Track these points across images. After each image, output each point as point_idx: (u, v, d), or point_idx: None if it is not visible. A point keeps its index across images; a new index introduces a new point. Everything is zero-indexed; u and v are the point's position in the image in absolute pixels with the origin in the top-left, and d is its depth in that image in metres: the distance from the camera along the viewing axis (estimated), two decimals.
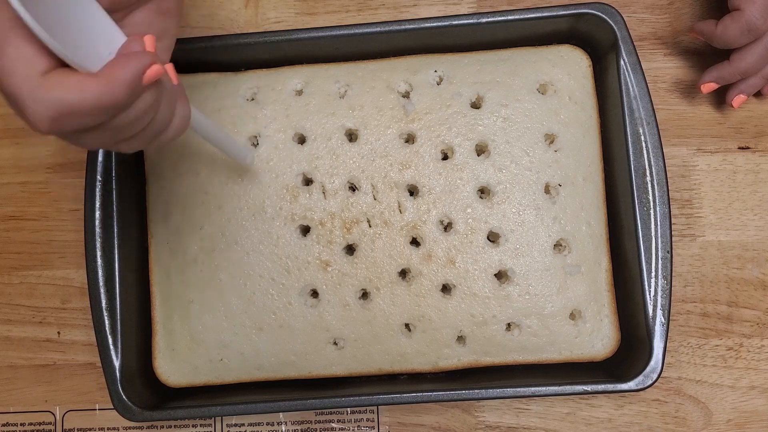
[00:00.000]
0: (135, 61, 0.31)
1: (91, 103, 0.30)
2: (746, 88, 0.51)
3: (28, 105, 0.29)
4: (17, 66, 0.29)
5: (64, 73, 0.30)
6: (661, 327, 0.47)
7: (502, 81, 0.50)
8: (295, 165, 0.50)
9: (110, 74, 0.30)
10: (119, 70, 0.30)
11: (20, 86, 0.29)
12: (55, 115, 0.29)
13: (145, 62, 0.31)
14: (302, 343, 0.49)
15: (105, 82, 0.30)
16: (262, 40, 0.51)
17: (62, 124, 0.30)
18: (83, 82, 0.30)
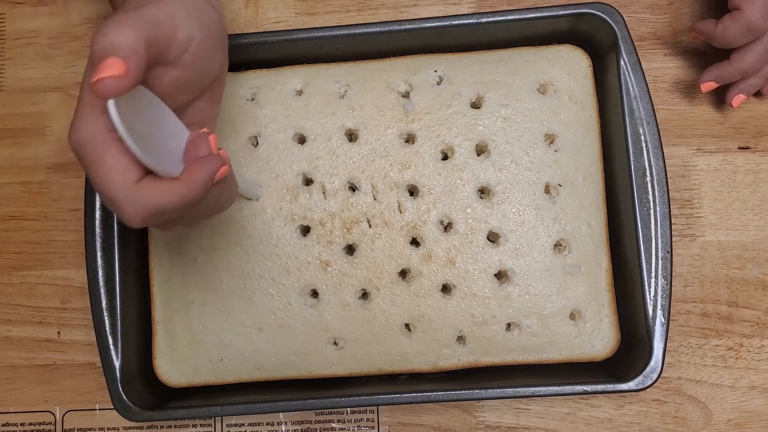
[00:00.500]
0: (208, 166, 0.36)
1: (176, 203, 0.35)
2: (746, 88, 0.51)
3: (125, 208, 0.34)
4: (115, 175, 0.34)
5: (153, 181, 0.35)
6: (661, 327, 0.47)
7: (502, 81, 0.50)
8: (295, 165, 0.50)
9: (190, 179, 0.36)
10: (197, 175, 0.36)
11: (118, 193, 0.34)
12: (147, 215, 0.35)
13: (216, 165, 0.37)
14: (302, 343, 0.49)
15: (186, 185, 0.35)
16: (262, 40, 0.51)
17: (152, 220, 0.35)
18: (170, 187, 0.35)
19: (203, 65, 0.40)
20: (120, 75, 0.32)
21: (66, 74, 0.57)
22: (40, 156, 0.57)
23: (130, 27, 0.34)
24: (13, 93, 0.58)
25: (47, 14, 0.58)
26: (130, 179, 0.34)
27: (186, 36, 0.38)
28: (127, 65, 0.33)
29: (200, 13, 0.39)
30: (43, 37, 0.58)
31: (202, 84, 0.41)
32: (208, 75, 0.41)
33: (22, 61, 0.58)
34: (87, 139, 0.34)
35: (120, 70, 0.32)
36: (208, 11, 0.41)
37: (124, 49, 0.33)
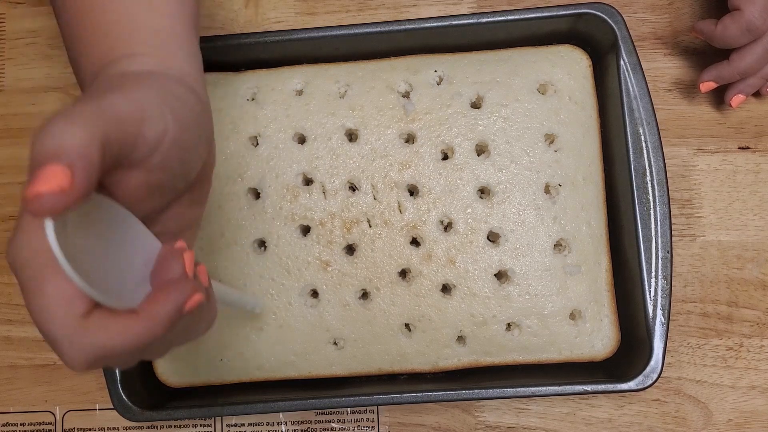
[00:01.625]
0: (176, 295, 0.30)
1: (131, 344, 0.29)
2: (745, 88, 0.51)
3: (65, 349, 0.28)
4: (55, 308, 0.27)
5: (104, 316, 0.28)
6: (661, 327, 0.47)
7: (502, 81, 0.50)
8: (295, 165, 0.50)
9: (151, 312, 0.29)
10: (160, 307, 0.29)
11: (58, 330, 0.28)
12: (94, 359, 0.28)
13: (185, 293, 0.30)
14: (302, 343, 0.49)
15: (146, 322, 0.29)
16: (262, 40, 0.51)
17: (98, 365, 0.29)
18: (125, 324, 0.28)
19: (178, 167, 0.32)
20: (63, 189, 0.25)
21: (66, 74, 0.57)
22: None
23: (81, 124, 0.26)
24: (13, 93, 0.58)
25: (47, 14, 0.58)
26: (73, 313, 0.27)
27: (157, 133, 0.30)
28: (72, 176, 0.25)
29: (178, 103, 0.33)
30: (43, 37, 0.58)
31: (178, 187, 0.34)
32: (185, 176, 0.34)
33: (22, 61, 0.58)
34: (24, 261, 0.28)
35: (63, 182, 0.25)
36: (188, 100, 0.34)
37: (70, 154, 0.25)
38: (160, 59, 0.35)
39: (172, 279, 0.31)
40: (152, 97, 0.31)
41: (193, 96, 0.35)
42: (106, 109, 0.28)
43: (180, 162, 0.33)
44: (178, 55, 0.37)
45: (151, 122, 0.30)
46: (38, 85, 0.58)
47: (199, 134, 0.35)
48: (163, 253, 0.32)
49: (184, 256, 0.32)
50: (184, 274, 0.31)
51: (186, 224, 0.36)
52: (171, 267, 0.31)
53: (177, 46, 0.37)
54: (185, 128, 0.32)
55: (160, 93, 0.32)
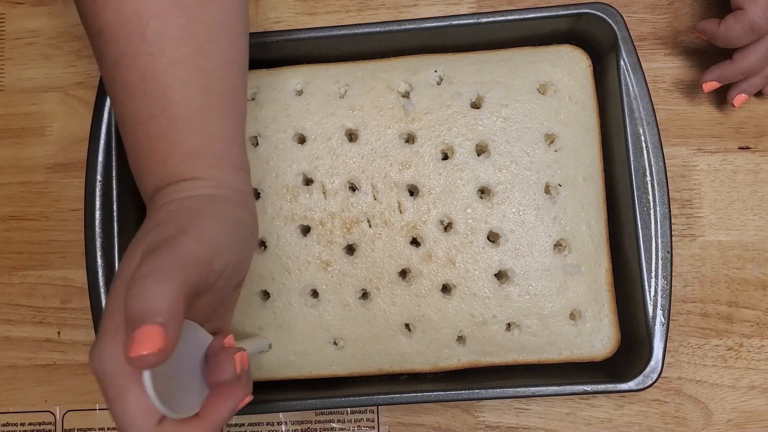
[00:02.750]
0: (232, 400, 0.35)
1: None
2: (748, 88, 0.51)
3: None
4: (137, 416, 0.32)
5: (174, 423, 0.33)
6: (661, 327, 0.47)
7: (502, 81, 0.50)
8: (295, 165, 0.50)
9: (212, 417, 0.34)
10: (219, 412, 0.35)
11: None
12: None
13: (240, 398, 0.36)
14: (302, 343, 0.49)
15: (208, 425, 0.34)
16: (262, 40, 0.51)
17: None
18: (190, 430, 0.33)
19: (235, 281, 0.38)
20: (160, 349, 0.29)
21: (66, 74, 0.57)
22: (40, 156, 0.57)
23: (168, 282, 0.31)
24: (13, 93, 0.58)
25: (47, 14, 0.58)
26: (150, 422, 0.32)
27: (223, 265, 0.35)
28: (165, 335, 0.29)
29: (240, 230, 0.37)
30: (43, 37, 0.58)
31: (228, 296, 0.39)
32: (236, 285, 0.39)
33: (22, 61, 0.58)
34: (110, 370, 0.32)
35: (159, 344, 0.29)
36: (245, 221, 0.39)
37: (163, 314, 0.30)
38: (217, 181, 0.39)
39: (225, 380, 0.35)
40: (222, 232, 0.35)
41: (247, 213, 0.40)
42: (184, 257, 0.32)
43: (237, 278, 0.38)
44: (233, 175, 0.40)
45: (221, 258, 0.35)
46: (38, 85, 0.58)
47: (251, 248, 0.39)
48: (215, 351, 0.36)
49: (235, 358, 0.36)
50: (235, 375, 0.36)
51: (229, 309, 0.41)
52: (225, 369, 0.36)
53: (232, 167, 0.40)
54: (243, 250, 0.37)
55: (224, 223, 0.36)
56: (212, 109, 0.39)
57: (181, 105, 0.38)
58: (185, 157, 0.38)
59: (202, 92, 0.38)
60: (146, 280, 0.31)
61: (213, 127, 0.39)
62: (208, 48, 0.39)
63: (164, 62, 0.37)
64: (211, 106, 0.39)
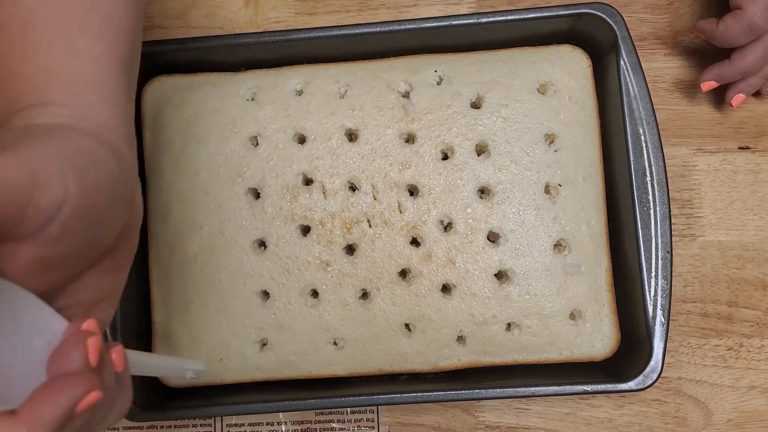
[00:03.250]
0: (66, 393, 0.25)
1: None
2: (746, 88, 0.51)
3: None
4: None
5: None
6: (661, 327, 0.47)
7: (502, 81, 0.50)
8: (295, 165, 0.50)
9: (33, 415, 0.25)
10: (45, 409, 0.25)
11: None
12: None
13: (79, 392, 0.26)
14: (302, 343, 0.49)
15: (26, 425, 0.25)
16: (262, 40, 0.51)
17: None
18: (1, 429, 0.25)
19: (85, 236, 0.28)
20: None
21: None
22: None
23: None
24: None
25: None
26: None
27: (52, 201, 0.26)
28: None
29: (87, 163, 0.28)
30: None
31: (87, 257, 0.29)
32: (97, 244, 0.29)
33: None
34: None
35: None
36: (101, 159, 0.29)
37: None
38: (75, 110, 0.31)
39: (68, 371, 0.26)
40: (50, 158, 0.26)
41: (110, 153, 0.30)
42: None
43: (87, 230, 0.28)
44: (99, 105, 0.32)
45: (46, 189, 0.26)
46: None
47: (113, 197, 0.30)
48: (66, 337, 0.28)
49: (88, 343, 0.27)
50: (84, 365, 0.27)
51: (103, 293, 0.31)
52: (69, 356, 0.27)
53: (99, 95, 0.32)
54: (94, 192, 0.28)
55: (63, 152, 0.27)
56: (78, 20, 0.31)
57: (35, 11, 0.31)
58: (37, 77, 0.31)
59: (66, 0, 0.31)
60: None
61: (76, 41, 0.31)
62: None
63: None
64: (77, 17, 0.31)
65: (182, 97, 0.52)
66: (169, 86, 0.52)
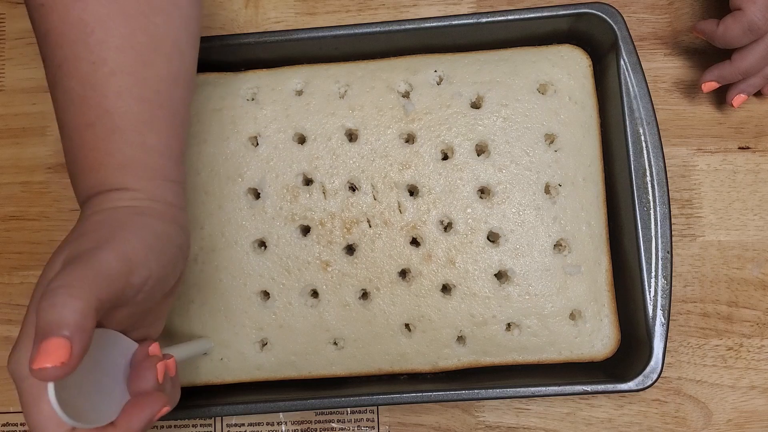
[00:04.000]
0: (148, 410, 0.35)
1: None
2: (747, 88, 0.51)
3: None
4: (48, 425, 0.33)
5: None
6: (661, 327, 0.47)
7: (502, 81, 0.50)
8: (295, 165, 0.50)
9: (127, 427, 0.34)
10: (135, 421, 0.34)
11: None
12: None
13: (157, 408, 0.35)
14: (302, 343, 0.49)
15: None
16: (262, 40, 0.51)
17: None
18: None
19: (158, 295, 0.38)
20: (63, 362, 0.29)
21: None
22: (40, 156, 0.57)
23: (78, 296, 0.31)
24: (13, 93, 0.58)
25: None
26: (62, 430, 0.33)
27: (142, 279, 0.35)
28: (70, 349, 0.30)
29: (161, 244, 0.37)
30: None
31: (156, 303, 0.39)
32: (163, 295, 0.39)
33: (22, 61, 0.58)
34: (26, 375, 0.33)
35: (63, 357, 0.29)
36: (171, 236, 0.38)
37: (70, 327, 0.30)
38: (148, 193, 0.39)
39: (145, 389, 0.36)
40: (139, 245, 0.35)
41: (176, 228, 0.39)
42: (98, 271, 0.32)
43: (160, 291, 0.38)
44: (165, 188, 0.40)
45: (138, 272, 0.34)
46: (38, 85, 0.58)
47: (178, 263, 0.39)
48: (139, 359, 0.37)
49: (158, 367, 0.36)
50: (156, 384, 0.36)
51: (159, 317, 0.41)
52: (146, 377, 0.36)
53: (165, 180, 0.40)
54: (167, 265, 0.37)
55: (146, 238, 0.36)
56: (148, 120, 0.39)
57: (116, 115, 0.38)
58: (117, 167, 0.38)
59: (139, 103, 0.38)
60: (57, 293, 0.31)
61: (147, 138, 0.39)
62: (149, 59, 0.39)
63: (105, 71, 0.37)
64: (148, 117, 0.39)
65: None
66: None
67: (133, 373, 0.37)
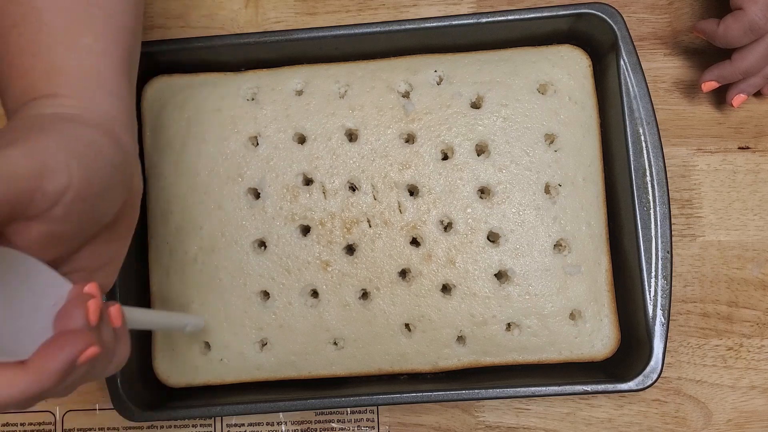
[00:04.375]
0: (68, 348, 0.29)
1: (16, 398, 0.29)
2: (746, 88, 0.51)
3: None
4: None
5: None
6: (661, 327, 0.47)
7: (502, 81, 0.50)
8: (295, 165, 0.50)
9: (40, 366, 0.29)
10: (50, 361, 0.29)
11: None
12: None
13: (80, 347, 0.29)
14: (302, 343, 0.49)
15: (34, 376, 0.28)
16: (262, 40, 0.51)
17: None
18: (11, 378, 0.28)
19: (85, 216, 0.32)
20: None
21: None
22: None
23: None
24: None
25: None
26: None
27: (57, 187, 0.30)
28: None
29: (89, 153, 0.32)
30: None
31: (88, 233, 0.33)
32: (96, 223, 0.33)
33: None
34: None
35: None
36: (103, 149, 0.33)
37: None
38: (80, 101, 0.34)
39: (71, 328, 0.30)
40: (56, 149, 0.30)
41: (111, 142, 0.34)
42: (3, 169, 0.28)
43: (88, 210, 0.32)
44: (100, 97, 0.35)
45: (52, 177, 0.29)
46: None
47: (113, 184, 0.34)
48: (70, 298, 0.32)
49: (89, 304, 0.31)
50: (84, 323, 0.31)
51: (105, 260, 0.35)
52: (73, 316, 0.31)
53: (102, 88, 0.35)
54: (92, 179, 0.31)
55: (67, 143, 0.31)
56: (82, 19, 0.35)
57: (44, 11, 0.34)
58: (45, 71, 0.34)
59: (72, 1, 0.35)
60: None
61: (81, 39, 0.35)
62: None
63: None
64: (81, 15, 0.35)
65: (182, 97, 0.52)
66: (169, 86, 0.52)
67: (60, 313, 0.31)
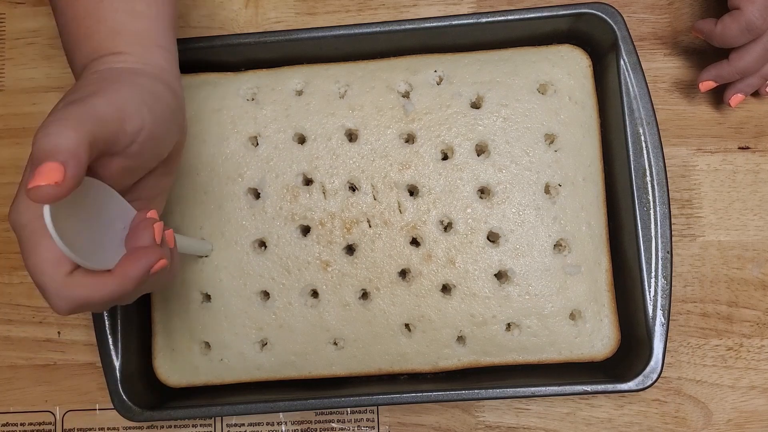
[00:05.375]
0: (144, 260, 0.36)
1: (106, 298, 0.35)
2: (744, 88, 0.51)
3: (52, 299, 0.35)
4: (47, 266, 0.34)
5: (84, 275, 0.34)
6: (661, 327, 0.47)
7: (502, 81, 0.50)
8: (295, 165, 0.50)
9: (123, 273, 0.35)
10: (131, 269, 0.35)
11: (48, 284, 0.34)
12: (75, 307, 0.35)
13: (153, 259, 0.36)
14: (302, 343, 0.49)
15: (119, 280, 0.35)
16: (262, 40, 0.51)
17: (80, 311, 0.36)
18: (102, 282, 0.35)
19: (152, 152, 0.39)
20: (57, 182, 0.31)
21: (66, 74, 0.57)
22: None
23: (73, 128, 0.32)
24: (13, 93, 0.58)
25: (47, 14, 0.58)
26: (61, 272, 0.34)
27: (135, 128, 0.36)
28: (65, 172, 0.31)
29: (154, 99, 0.38)
30: (43, 37, 0.58)
31: (151, 166, 0.40)
32: (158, 158, 0.40)
33: (22, 61, 0.58)
34: (24, 223, 0.34)
35: (57, 177, 0.31)
36: (163, 96, 0.39)
37: (63, 153, 0.31)
38: (139, 57, 0.40)
39: (142, 245, 0.37)
40: (131, 98, 0.37)
41: (168, 91, 0.40)
42: (93, 112, 0.34)
43: (154, 148, 0.39)
44: (156, 53, 0.41)
45: (131, 120, 0.36)
46: (38, 85, 0.58)
47: (171, 125, 0.40)
48: (137, 221, 0.38)
49: (154, 227, 0.37)
50: (153, 242, 0.37)
51: (158, 192, 0.42)
52: (142, 235, 0.37)
53: (155, 45, 0.42)
54: (159, 120, 0.38)
55: (139, 92, 0.38)
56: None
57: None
58: (109, 33, 0.40)
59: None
60: (52, 124, 0.32)
61: (136, 5, 0.41)
62: None
63: None
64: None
65: None
66: None
67: (130, 233, 0.38)
